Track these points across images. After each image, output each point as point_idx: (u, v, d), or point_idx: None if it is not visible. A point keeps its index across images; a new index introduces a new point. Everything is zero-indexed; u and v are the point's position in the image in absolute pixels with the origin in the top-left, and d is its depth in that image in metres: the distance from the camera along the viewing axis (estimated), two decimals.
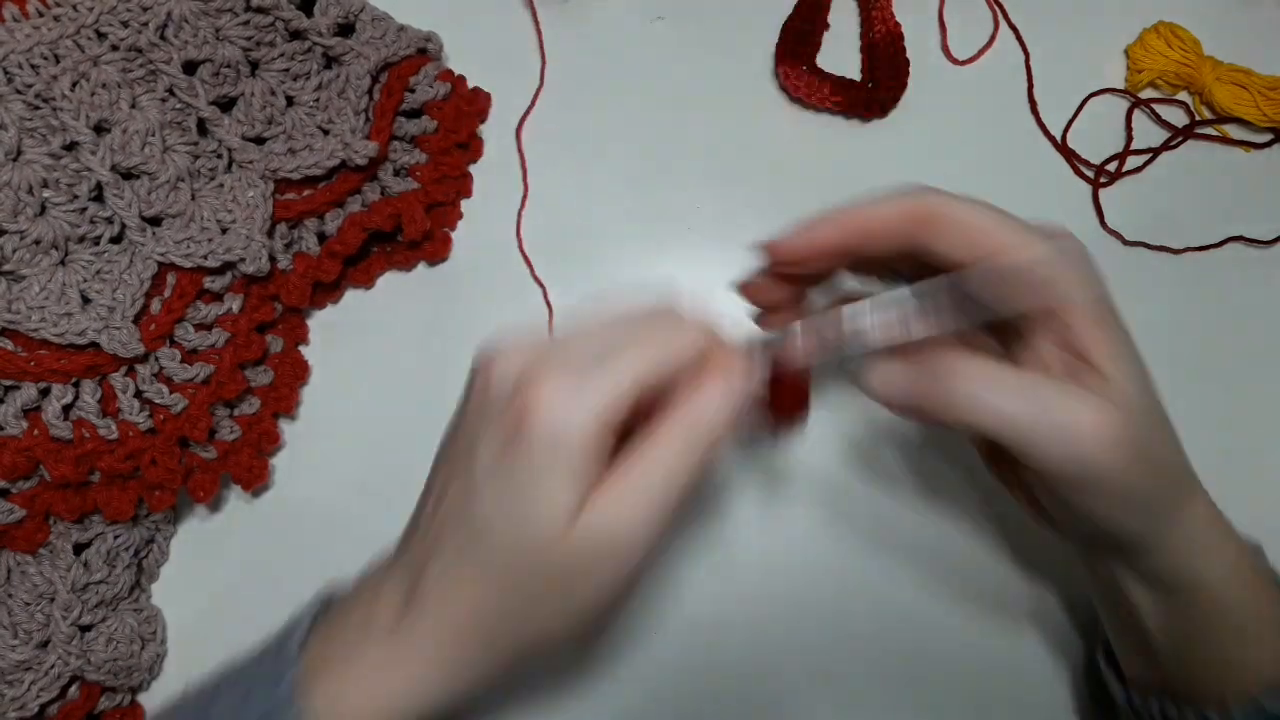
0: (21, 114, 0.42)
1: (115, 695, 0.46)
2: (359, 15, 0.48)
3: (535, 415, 0.30)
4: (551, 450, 0.30)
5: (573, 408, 0.30)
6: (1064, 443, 0.32)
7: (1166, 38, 0.53)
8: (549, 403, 0.30)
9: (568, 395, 0.30)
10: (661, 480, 0.31)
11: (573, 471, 0.30)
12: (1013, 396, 0.32)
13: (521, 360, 0.32)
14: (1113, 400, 0.32)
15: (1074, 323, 0.33)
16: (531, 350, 0.32)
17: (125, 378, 0.43)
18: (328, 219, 0.48)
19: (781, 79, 0.53)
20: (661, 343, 0.32)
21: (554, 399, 0.30)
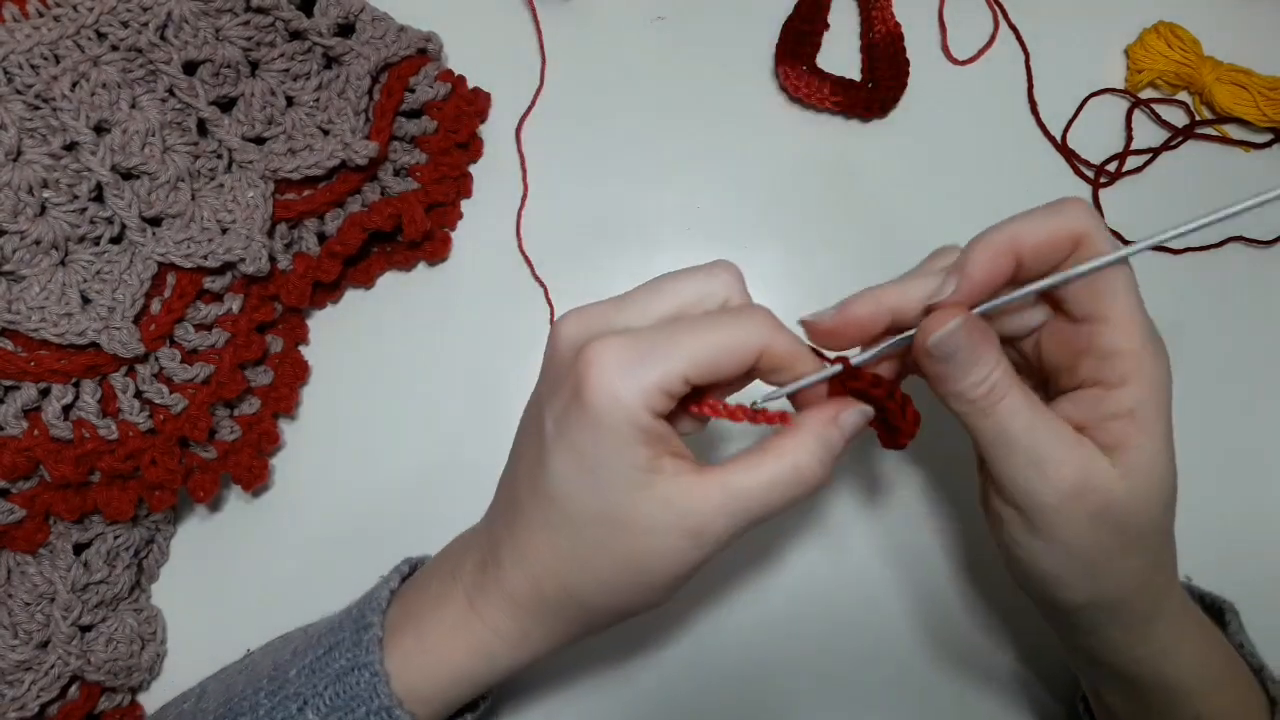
0: (21, 114, 0.42)
1: (115, 695, 0.46)
2: (359, 15, 0.48)
3: (589, 384, 0.31)
4: (608, 417, 0.30)
5: (625, 382, 0.30)
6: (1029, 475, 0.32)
7: (1166, 38, 0.53)
8: (603, 373, 0.30)
9: (622, 368, 0.30)
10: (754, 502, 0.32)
11: (627, 439, 0.31)
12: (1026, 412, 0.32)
13: (585, 326, 0.33)
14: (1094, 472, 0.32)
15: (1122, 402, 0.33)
16: (596, 316, 0.33)
17: (125, 378, 0.43)
18: (328, 219, 0.48)
19: (781, 79, 0.53)
20: (721, 333, 0.32)
21: (608, 370, 0.30)
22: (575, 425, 0.31)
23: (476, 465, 0.49)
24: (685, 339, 0.31)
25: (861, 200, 0.52)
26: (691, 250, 0.52)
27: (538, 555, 0.34)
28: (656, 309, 0.33)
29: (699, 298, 0.33)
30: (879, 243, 0.52)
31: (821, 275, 0.51)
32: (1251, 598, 0.45)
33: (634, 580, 0.33)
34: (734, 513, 0.32)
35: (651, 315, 0.33)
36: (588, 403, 0.31)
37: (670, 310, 0.33)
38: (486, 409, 0.50)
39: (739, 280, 0.34)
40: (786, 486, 0.32)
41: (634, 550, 0.32)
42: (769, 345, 0.32)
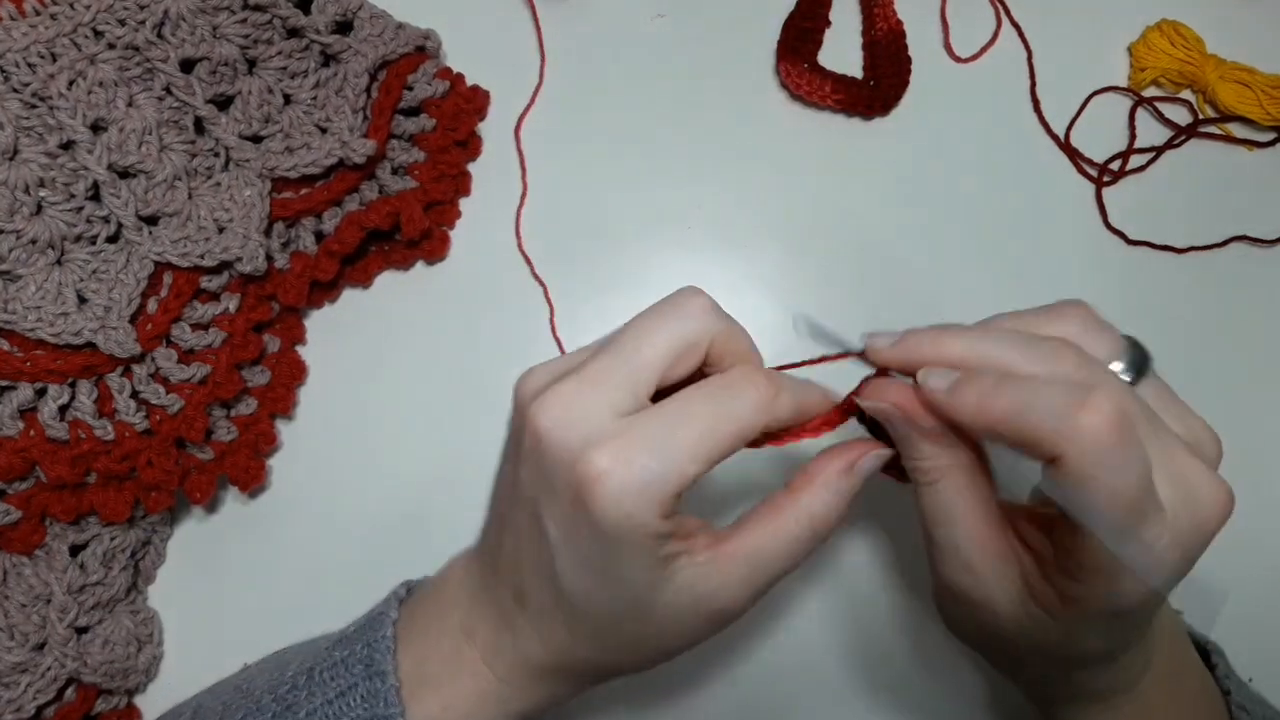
0: (18, 113, 0.42)
1: (112, 697, 0.45)
2: (357, 13, 0.48)
3: (598, 502, 0.29)
4: (623, 534, 0.29)
5: (637, 499, 0.29)
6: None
7: (1170, 36, 0.53)
8: (610, 492, 0.28)
9: (630, 482, 0.28)
10: (773, 566, 0.32)
11: (643, 547, 0.29)
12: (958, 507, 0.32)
13: (563, 408, 0.30)
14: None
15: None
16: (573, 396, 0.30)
17: (121, 378, 0.43)
18: (325, 218, 0.48)
19: (782, 76, 0.52)
20: (722, 418, 0.30)
21: (615, 488, 0.28)
22: (585, 538, 0.30)
23: (474, 465, 0.48)
24: (686, 434, 0.29)
25: (862, 199, 0.52)
26: (691, 249, 0.51)
27: (557, 639, 0.33)
28: (640, 376, 0.31)
29: (681, 348, 0.31)
30: (880, 242, 0.52)
31: (822, 275, 0.51)
32: (1252, 597, 0.44)
33: (658, 655, 0.34)
34: (756, 583, 0.32)
35: (635, 385, 0.30)
36: (598, 520, 0.29)
37: (654, 373, 0.31)
38: (485, 409, 0.49)
39: (711, 312, 0.32)
40: (805, 544, 0.32)
41: (660, 637, 0.32)
42: (773, 414, 0.31)
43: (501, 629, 0.34)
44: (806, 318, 0.34)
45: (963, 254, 0.51)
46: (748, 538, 0.32)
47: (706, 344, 0.32)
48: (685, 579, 0.31)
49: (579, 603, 0.31)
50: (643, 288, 0.51)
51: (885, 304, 0.51)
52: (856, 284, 0.51)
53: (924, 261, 0.51)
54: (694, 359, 0.32)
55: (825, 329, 0.34)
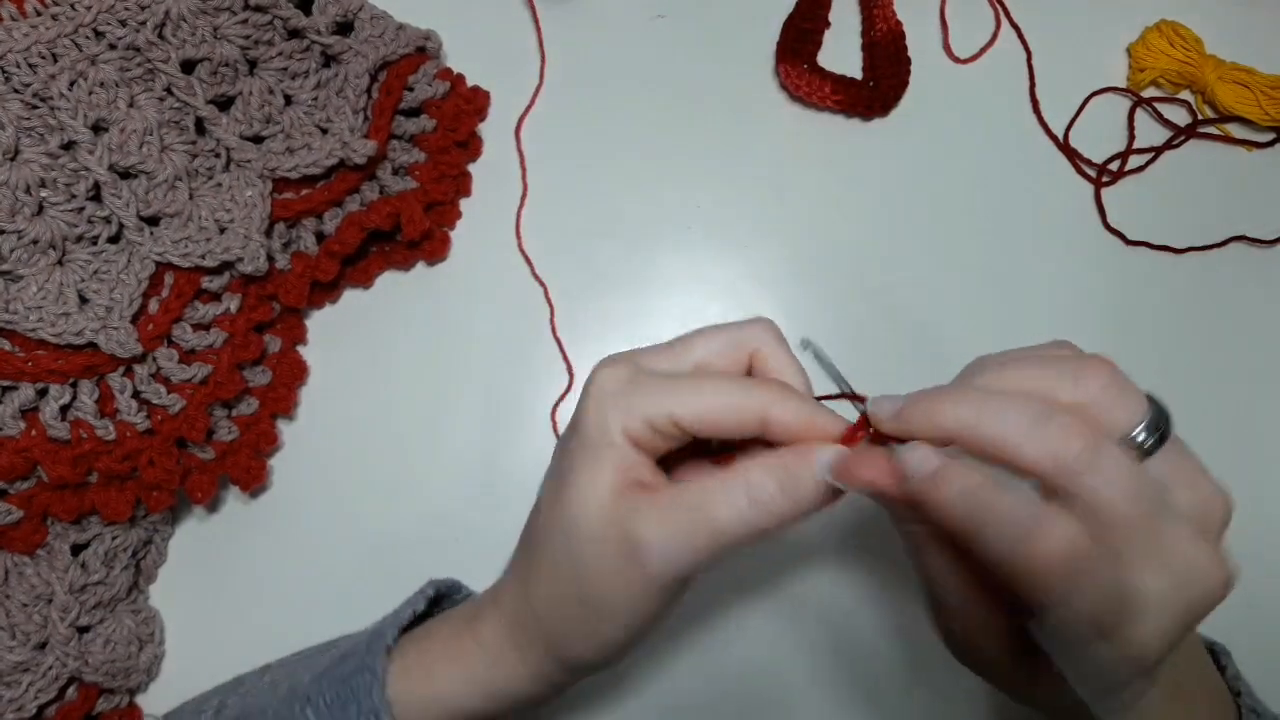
0: (19, 113, 0.42)
1: (113, 697, 0.45)
2: (357, 13, 0.48)
3: (584, 401, 0.32)
4: (587, 445, 0.32)
5: (613, 402, 0.32)
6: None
7: (1169, 36, 0.53)
8: (598, 392, 0.32)
9: (615, 391, 0.32)
10: (702, 520, 0.31)
11: (600, 458, 0.31)
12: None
13: (603, 369, 0.33)
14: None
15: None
16: (626, 358, 0.34)
17: (123, 378, 0.43)
18: (326, 218, 0.48)
19: (782, 77, 0.52)
20: (720, 390, 0.32)
21: (602, 389, 0.32)
22: (566, 439, 0.33)
23: (475, 465, 0.49)
24: (685, 385, 0.32)
25: (862, 199, 0.52)
26: (691, 250, 0.52)
27: (520, 570, 0.35)
28: (684, 358, 0.34)
29: (728, 347, 0.34)
30: (879, 242, 0.52)
31: (821, 275, 0.51)
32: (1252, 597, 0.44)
33: (583, 601, 0.32)
34: (695, 540, 0.31)
35: (679, 363, 0.34)
36: (578, 419, 0.32)
37: (696, 359, 0.34)
38: (485, 409, 0.49)
39: (772, 334, 0.34)
40: (745, 513, 0.31)
41: (583, 563, 0.32)
42: (771, 413, 0.31)
43: (489, 600, 0.36)
44: (815, 345, 0.35)
45: (962, 254, 0.52)
46: (687, 488, 0.31)
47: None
48: (615, 511, 0.31)
49: (540, 517, 0.34)
50: (643, 288, 0.51)
51: (884, 303, 0.51)
52: (856, 284, 0.51)
53: (923, 262, 0.52)
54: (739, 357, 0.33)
55: (829, 362, 0.35)
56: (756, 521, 0.31)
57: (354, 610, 0.40)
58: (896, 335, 0.51)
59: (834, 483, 0.31)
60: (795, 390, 0.33)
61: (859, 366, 0.49)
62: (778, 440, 0.32)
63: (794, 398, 0.32)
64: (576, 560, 0.32)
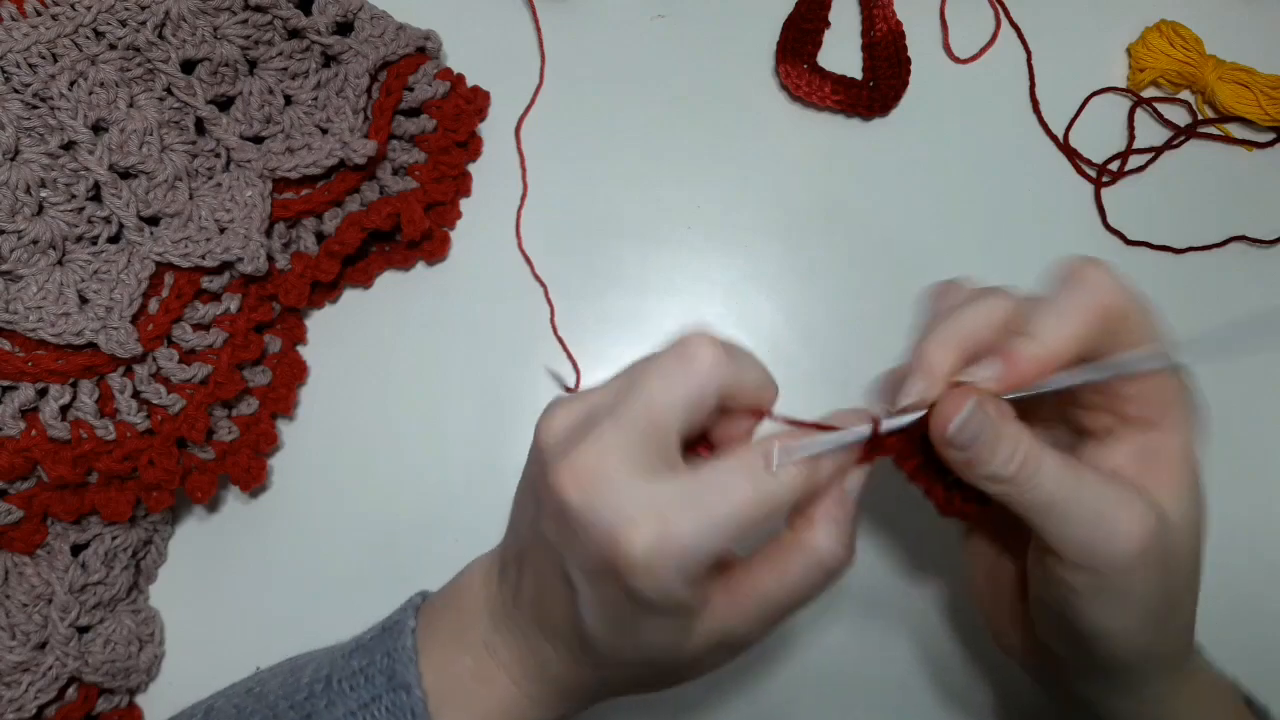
0: (19, 113, 0.42)
1: (113, 697, 0.45)
2: (357, 13, 0.48)
3: (633, 577, 0.28)
4: (655, 606, 0.29)
5: (671, 569, 0.28)
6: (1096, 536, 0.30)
7: (1169, 36, 0.53)
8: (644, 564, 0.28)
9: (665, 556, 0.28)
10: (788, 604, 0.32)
11: (679, 620, 0.31)
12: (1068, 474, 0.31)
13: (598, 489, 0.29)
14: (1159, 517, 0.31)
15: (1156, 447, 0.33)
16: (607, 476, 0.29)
17: (123, 378, 0.43)
18: (326, 218, 0.48)
19: (782, 77, 0.52)
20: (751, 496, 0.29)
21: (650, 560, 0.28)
22: (613, 601, 0.30)
23: (475, 465, 0.49)
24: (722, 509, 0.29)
25: (862, 199, 0.52)
26: (691, 250, 0.52)
27: (586, 670, 0.33)
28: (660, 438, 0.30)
29: (694, 403, 0.30)
30: (880, 242, 0.52)
31: (822, 275, 0.51)
32: (1252, 598, 0.45)
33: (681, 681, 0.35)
34: (770, 619, 0.32)
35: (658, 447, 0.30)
36: (632, 590, 0.28)
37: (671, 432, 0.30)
38: (485, 409, 0.49)
39: (720, 362, 0.30)
40: (816, 579, 0.32)
41: (683, 672, 0.34)
42: (801, 493, 0.31)
43: (527, 653, 0.34)
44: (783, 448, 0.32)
45: (962, 254, 0.52)
46: (758, 581, 0.32)
47: (717, 392, 0.30)
48: (705, 628, 0.31)
49: (605, 650, 0.32)
50: (643, 287, 0.51)
51: (884, 304, 0.51)
52: (856, 284, 0.51)
53: (923, 262, 0.51)
54: (709, 407, 0.31)
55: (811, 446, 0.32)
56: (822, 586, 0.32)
57: (354, 610, 0.39)
58: (896, 335, 0.51)
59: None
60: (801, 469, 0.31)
61: (859, 366, 0.50)
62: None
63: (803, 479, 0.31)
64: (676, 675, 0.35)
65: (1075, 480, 0.31)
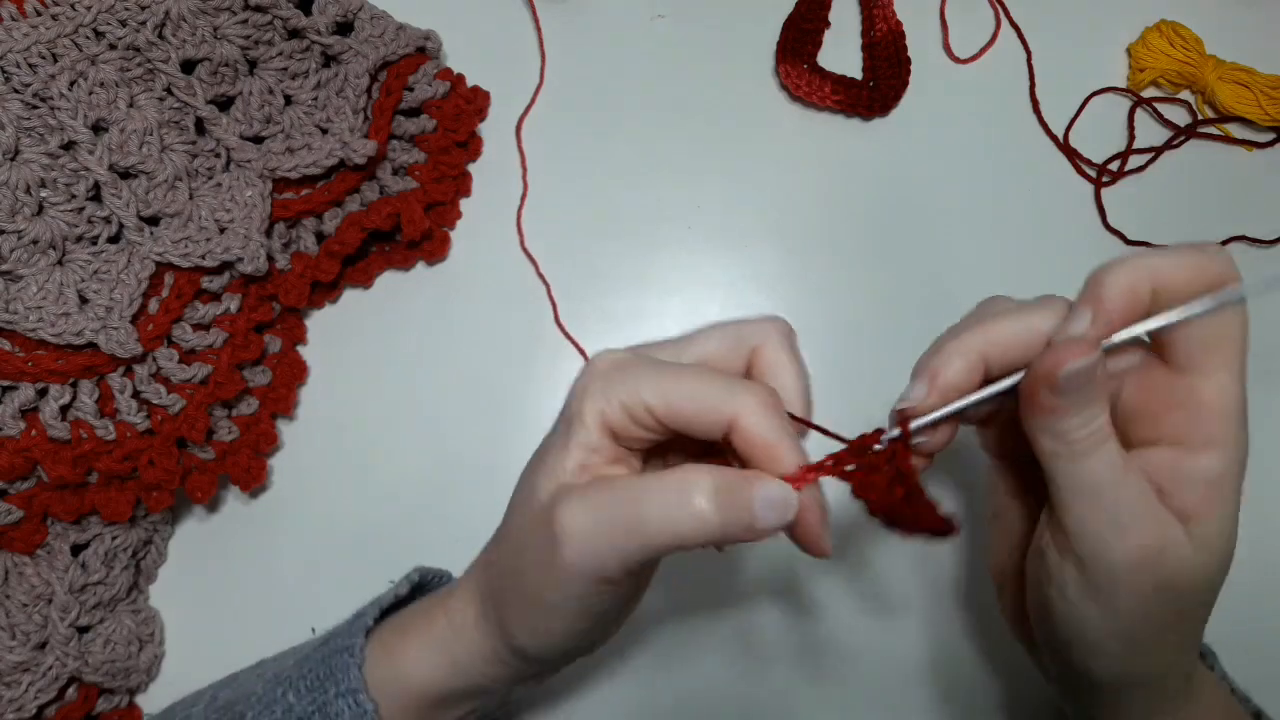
0: (19, 113, 0.42)
1: (113, 697, 0.45)
2: (357, 14, 0.48)
3: (569, 396, 0.32)
4: (562, 425, 0.32)
5: (595, 384, 0.31)
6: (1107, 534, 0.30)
7: (1169, 36, 0.53)
8: (585, 374, 0.32)
9: (600, 375, 0.31)
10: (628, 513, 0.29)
11: (571, 436, 0.31)
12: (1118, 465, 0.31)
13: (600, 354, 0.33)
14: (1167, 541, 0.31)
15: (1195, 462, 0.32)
16: (614, 350, 0.33)
17: (123, 378, 0.43)
18: (326, 218, 0.48)
19: (782, 78, 0.52)
20: (698, 385, 0.30)
21: (590, 374, 0.32)
22: (556, 420, 0.33)
23: (474, 465, 0.49)
24: (666, 372, 0.31)
25: (862, 199, 0.52)
26: (691, 250, 0.52)
27: (489, 545, 0.36)
28: (686, 352, 0.33)
29: (730, 342, 0.33)
30: (880, 242, 0.52)
31: (821, 275, 0.51)
32: (1252, 599, 0.44)
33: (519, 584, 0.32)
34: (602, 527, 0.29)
35: (679, 356, 0.33)
36: (567, 398, 0.32)
37: (697, 353, 0.33)
38: (485, 409, 0.49)
39: (777, 331, 0.33)
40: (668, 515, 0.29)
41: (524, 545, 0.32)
42: (740, 420, 0.30)
43: (463, 576, 0.37)
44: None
45: (962, 254, 0.52)
46: (626, 482, 0.30)
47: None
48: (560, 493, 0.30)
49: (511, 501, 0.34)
50: (643, 287, 0.51)
51: (884, 304, 0.51)
52: (856, 284, 0.51)
53: (923, 262, 0.52)
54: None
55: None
56: (685, 531, 0.29)
57: (353, 609, 0.39)
58: (896, 335, 0.51)
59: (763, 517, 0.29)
60: (777, 405, 0.31)
61: (859, 366, 0.50)
62: (740, 451, 0.30)
63: (770, 413, 0.30)
64: (522, 541, 0.32)
65: (1122, 474, 0.30)
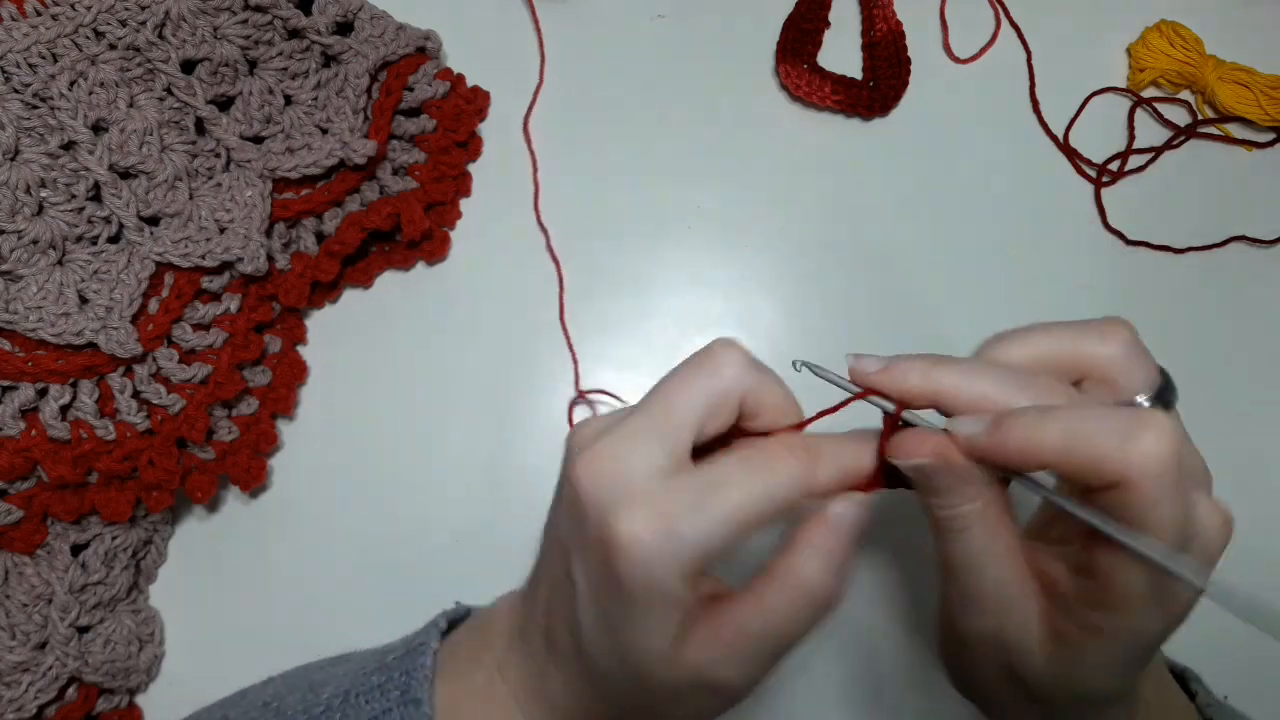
0: (19, 113, 0.42)
1: (113, 697, 0.45)
2: (357, 13, 0.48)
3: (623, 559, 0.28)
4: (644, 596, 0.29)
5: (664, 556, 0.28)
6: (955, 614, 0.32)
7: (1169, 36, 0.53)
8: (636, 547, 0.28)
9: (658, 540, 0.28)
10: (771, 639, 0.30)
11: (660, 615, 0.29)
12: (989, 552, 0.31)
13: (605, 473, 0.30)
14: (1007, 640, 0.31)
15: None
16: (609, 456, 0.30)
17: (123, 378, 0.43)
18: (326, 218, 0.48)
19: (782, 78, 0.52)
20: (755, 488, 0.29)
21: (642, 543, 0.28)
22: (608, 594, 0.30)
23: (474, 465, 0.49)
24: (720, 503, 0.29)
25: (862, 199, 0.52)
26: (691, 249, 0.52)
27: (578, 687, 0.33)
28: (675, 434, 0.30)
29: (714, 403, 0.31)
30: (880, 242, 0.52)
31: (822, 275, 0.51)
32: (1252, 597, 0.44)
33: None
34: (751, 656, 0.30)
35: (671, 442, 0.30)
36: (622, 578, 0.28)
37: (688, 430, 0.30)
38: (486, 409, 0.49)
39: (744, 366, 0.31)
40: (804, 612, 0.30)
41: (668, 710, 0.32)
42: (811, 487, 0.30)
43: (532, 670, 0.34)
44: (807, 363, 0.34)
45: (962, 254, 0.52)
46: (739, 611, 0.30)
47: (738, 398, 0.31)
48: (688, 659, 0.30)
49: (595, 657, 0.31)
50: (643, 287, 0.51)
51: (884, 304, 0.51)
52: (856, 284, 0.51)
53: (923, 262, 0.52)
54: (728, 412, 0.31)
55: (826, 373, 0.33)
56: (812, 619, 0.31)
57: (354, 610, 0.40)
58: (896, 335, 0.51)
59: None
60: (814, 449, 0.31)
61: None
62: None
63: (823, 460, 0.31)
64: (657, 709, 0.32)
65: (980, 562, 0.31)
